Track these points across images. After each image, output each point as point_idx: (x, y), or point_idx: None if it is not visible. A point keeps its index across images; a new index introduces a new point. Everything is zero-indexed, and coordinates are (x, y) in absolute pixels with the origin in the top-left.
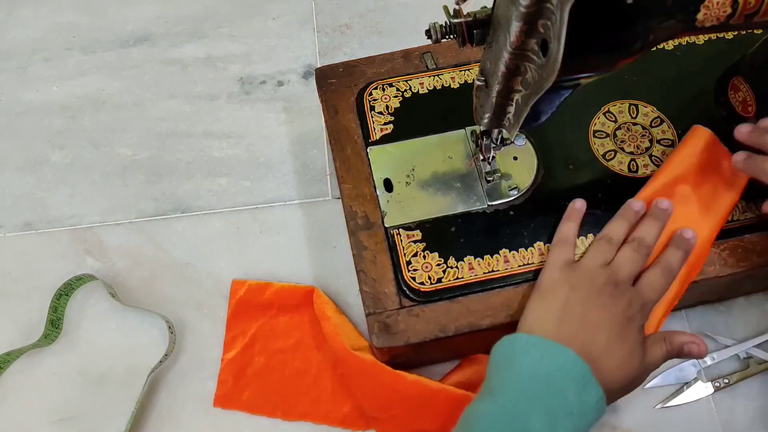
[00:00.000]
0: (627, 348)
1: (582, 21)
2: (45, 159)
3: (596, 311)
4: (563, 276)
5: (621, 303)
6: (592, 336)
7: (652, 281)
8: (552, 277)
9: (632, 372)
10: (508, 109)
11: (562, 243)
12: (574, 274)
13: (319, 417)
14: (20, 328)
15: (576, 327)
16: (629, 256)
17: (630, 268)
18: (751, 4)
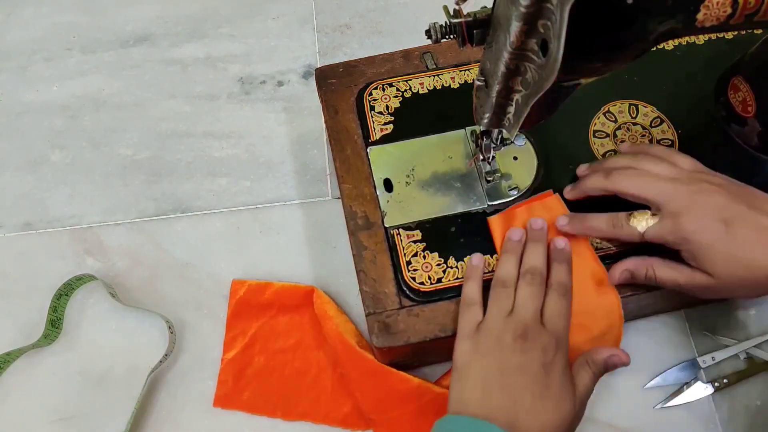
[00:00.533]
0: (554, 397)
1: (582, 21)
2: (45, 159)
3: (513, 375)
4: (473, 345)
5: (535, 354)
6: (516, 401)
7: (554, 310)
8: (463, 349)
9: (567, 415)
10: (508, 109)
11: (466, 306)
12: (482, 340)
13: (319, 417)
14: (20, 328)
15: (498, 397)
16: (528, 294)
17: (532, 306)
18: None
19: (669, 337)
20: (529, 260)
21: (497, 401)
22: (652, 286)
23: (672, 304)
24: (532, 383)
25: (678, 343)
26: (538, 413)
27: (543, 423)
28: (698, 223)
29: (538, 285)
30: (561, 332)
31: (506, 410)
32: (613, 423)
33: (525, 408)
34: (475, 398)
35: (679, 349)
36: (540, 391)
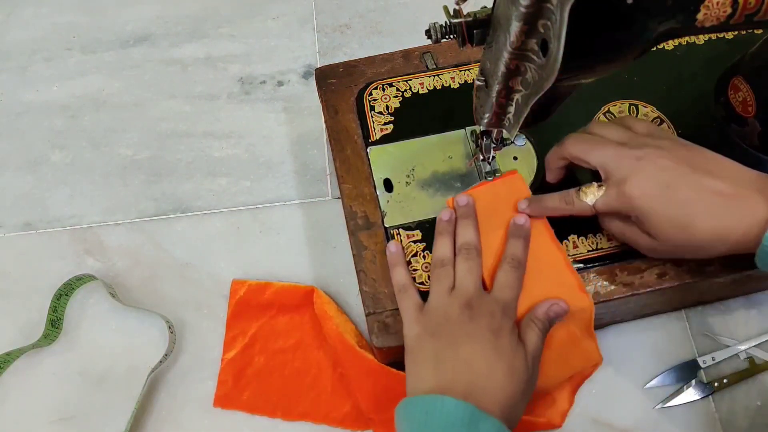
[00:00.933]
0: (506, 359)
1: (582, 21)
2: (45, 159)
3: (464, 345)
4: (421, 327)
5: (482, 321)
6: (471, 371)
7: (504, 281)
8: (412, 333)
9: (522, 377)
10: (508, 109)
11: (402, 291)
12: (429, 320)
13: (319, 417)
14: (20, 328)
15: (452, 370)
16: (466, 268)
17: (472, 279)
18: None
19: (669, 337)
20: (462, 237)
21: (451, 374)
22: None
23: (672, 304)
24: (483, 348)
25: (678, 343)
26: (493, 377)
27: (499, 386)
28: (641, 189)
29: (475, 258)
30: (508, 301)
31: (461, 380)
32: (613, 423)
33: (480, 374)
34: (429, 376)
35: (679, 349)
36: (492, 355)
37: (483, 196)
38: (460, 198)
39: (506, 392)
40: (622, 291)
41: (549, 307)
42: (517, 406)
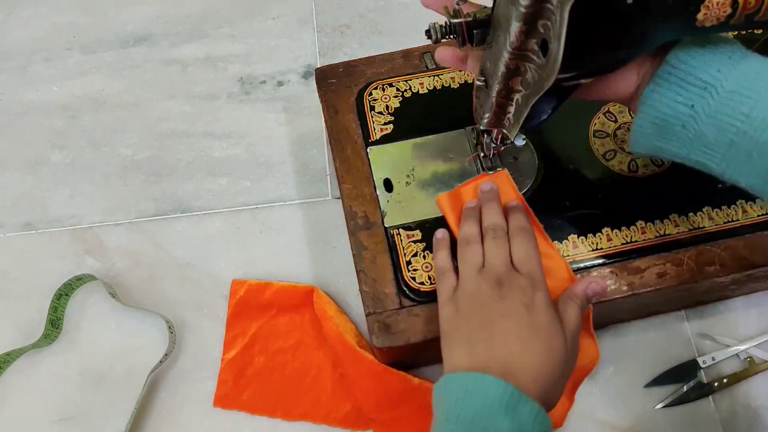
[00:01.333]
0: (543, 335)
1: (582, 21)
2: (45, 159)
3: (498, 323)
4: (454, 308)
5: (515, 298)
6: (505, 350)
7: (521, 253)
8: (446, 314)
9: (560, 350)
10: (508, 109)
11: (440, 274)
12: (461, 300)
13: (319, 417)
14: (20, 328)
15: (487, 350)
16: (494, 245)
17: (501, 256)
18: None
19: (669, 337)
20: (488, 218)
21: (487, 353)
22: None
23: (672, 304)
24: (518, 326)
25: (678, 343)
26: (530, 354)
27: (536, 363)
28: None
29: (502, 237)
30: (535, 272)
31: (497, 360)
32: (613, 423)
33: (515, 353)
34: (464, 356)
35: (679, 349)
36: (527, 332)
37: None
38: (484, 185)
39: (543, 370)
40: (622, 291)
41: (588, 285)
42: (556, 385)
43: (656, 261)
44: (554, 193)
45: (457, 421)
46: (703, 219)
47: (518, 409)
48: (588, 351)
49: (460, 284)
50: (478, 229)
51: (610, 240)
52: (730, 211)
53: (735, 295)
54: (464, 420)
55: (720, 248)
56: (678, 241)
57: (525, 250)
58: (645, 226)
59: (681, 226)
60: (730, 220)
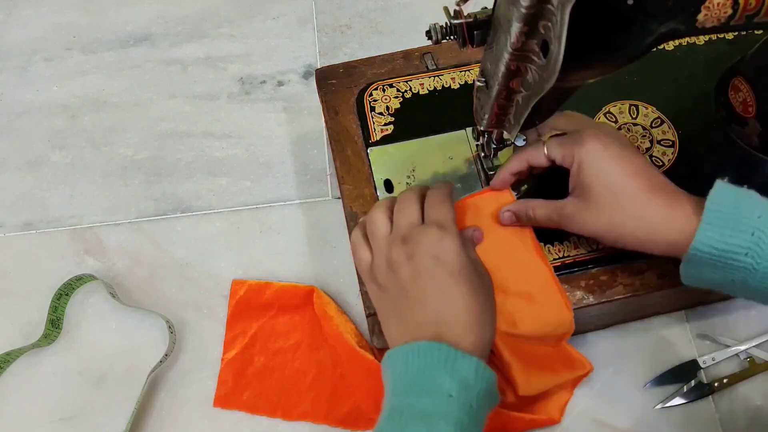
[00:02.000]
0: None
1: (582, 22)
2: (45, 159)
3: (413, 286)
4: (374, 284)
5: (422, 251)
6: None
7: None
8: (371, 293)
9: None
10: (509, 110)
11: (354, 251)
12: (378, 274)
13: (319, 417)
14: (20, 327)
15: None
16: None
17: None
18: (751, 4)
19: (669, 337)
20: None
21: (414, 319)
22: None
23: (672, 305)
24: (432, 281)
25: (678, 343)
26: (454, 304)
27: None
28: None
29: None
30: (441, 218)
31: (426, 322)
32: (613, 423)
33: (440, 309)
34: (397, 330)
35: (679, 349)
36: (444, 283)
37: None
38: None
39: (472, 316)
40: (622, 292)
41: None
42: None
43: (657, 262)
44: (554, 194)
45: (401, 392)
46: None
47: (456, 366)
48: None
49: (373, 257)
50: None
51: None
52: None
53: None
54: (407, 389)
55: None
56: None
57: (432, 202)
58: None
59: None
60: None
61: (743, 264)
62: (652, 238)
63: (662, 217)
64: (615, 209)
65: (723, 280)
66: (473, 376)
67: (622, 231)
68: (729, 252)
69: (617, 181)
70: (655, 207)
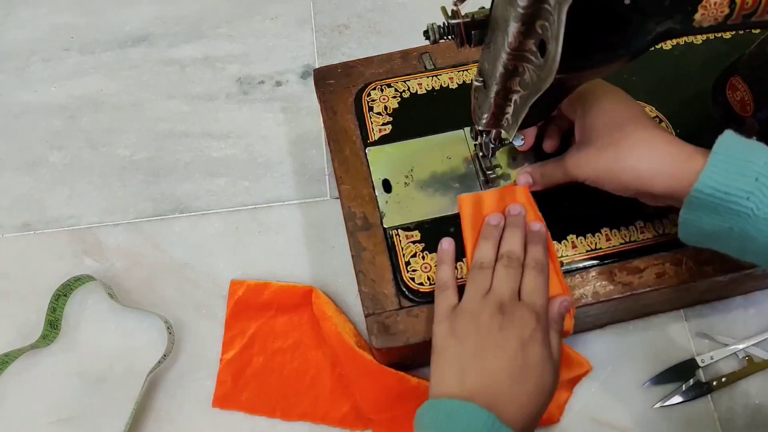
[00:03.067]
0: (533, 374)
1: (580, 22)
2: (43, 160)
3: (491, 357)
4: (450, 328)
5: (513, 331)
6: (495, 383)
7: (531, 286)
8: (440, 332)
9: (549, 390)
10: (507, 110)
11: (441, 290)
12: (459, 322)
13: (318, 417)
14: (18, 328)
15: (477, 379)
16: (505, 274)
17: (509, 285)
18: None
19: (668, 336)
20: (507, 244)
21: (475, 383)
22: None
23: (671, 304)
24: (510, 363)
25: (677, 342)
26: (518, 394)
27: (523, 403)
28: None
29: (516, 267)
30: (539, 307)
31: (485, 392)
32: (612, 422)
33: (503, 389)
34: (453, 381)
35: (678, 348)
36: (518, 371)
37: (488, 199)
38: (513, 207)
39: (528, 410)
40: (621, 291)
41: (560, 303)
42: (537, 417)
43: (655, 261)
44: (553, 193)
45: None
46: None
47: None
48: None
49: (462, 304)
50: (494, 253)
51: (609, 240)
52: None
53: (734, 295)
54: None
55: None
56: (677, 241)
57: (535, 284)
58: (644, 225)
59: None
60: None
61: (744, 209)
62: (654, 172)
63: (666, 152)
64: (618, 144)
65: (721, 228)
66: None
67: (623, 166)
68: (731, 195)
69: (621, 117)
70: (659, 142)
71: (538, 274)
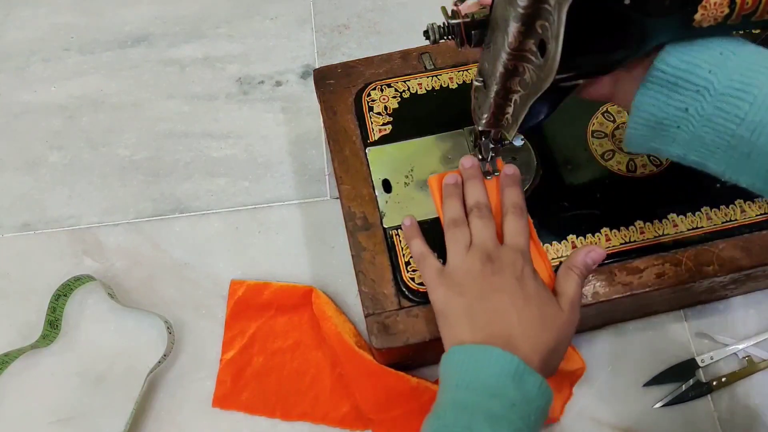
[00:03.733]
0: (536, 304)
1: (580, 22)
2: (43, 159)
3: (493, 297)
4: (446, 287)
5: (506, 271)
6: (505, 321)
7: (512, 228)
8: (438, 295)
9: (556, 322)
10: (507, 110)
11: (422, 260)
12: (452, 280)
13: (318, 417)
14: (18, 328)
15: (487, 322)
16: (480, 224)
17: (488, 234)
18: (748, 4)
19: (668, 336)
20: (471, 196)
21: (487, 326)
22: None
23: (671, 304)
24: (513, 297)
25: (677, 342)
26: (527, 325)
27: (534, 333)
28: None
29: (487, 215)
30: (523, 247)
31: (498, 332)
32: (612, 422)
33: (513, 323)
34: (465, 331)
35: (678, 348)
36: (522, 303)
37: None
38: (465, 160)
39: (541, 339)
40: (620, 291)
41: (587, 253)
42: (554, 354)
43: (655, 261)
44: (553, 194)
45: (468, 387)
46: (702, 219)
47: (524, 380)
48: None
49: (449, 264)
50: (461, 207)
51: (608, 240)
52: (729, 210)
53: (733, 295)
54: (475, 387)
55: (718, 248)
56: (676, 241)
57: (516, 227)
58: (643, 226)
59: (679, 226)
60: (729, 219)
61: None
62: None
63: None
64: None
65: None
66: (536, 392)
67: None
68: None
69: None
70: None
71: (516, 217)
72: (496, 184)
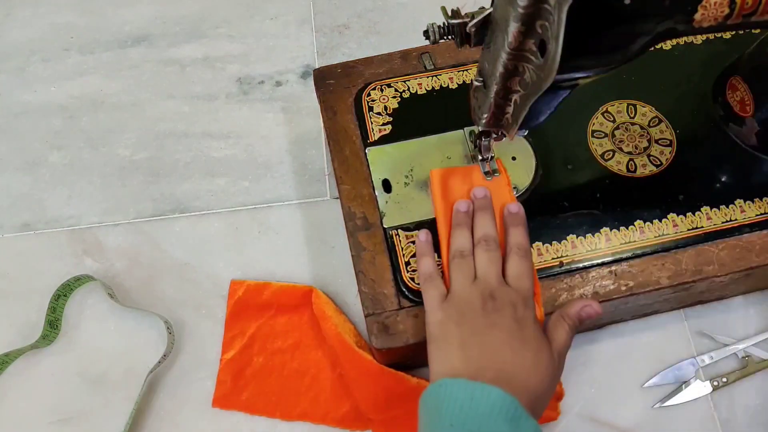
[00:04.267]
0: (532, 348)
1: (580, 22)
2: (43, 159)
3: (489, 334)
4: (445, 314)
5: (506, 312)
6: (498, 358)
7: (516, 271)
8: (435, 320)
9: (548, 370)
10: (507, 110)
11: (428, 281)
12: (452, 308)
13: (318, 417)
14: (18, 328)
15: (479, 356)
16: (486, 259)
17: (493, 270)
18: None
19: (668, 336)
20: (480, 228)
21: (479, 361)
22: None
23: (671, 304)
24: (509, 337)
25: (677, 342)
26: (520, 366)
27: (526, 374)
28: None
29: (495, 250)
30: (526, 291)
31: (490, 368)
32: (612, 422)
33: (507, 362)
34: (456, 361)
35: (678, 348)
36: (518, 344)
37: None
38: (478, 191)
39: (533, 381)
40: (620, 291)
41: (582, 307)
42: (541, 400)
43: (655, 261)
44: (552, 194)
45: (463, 426)
46: (702, 219)
47: (521, 424)
48: None
49: (452, 293)
50: (470, 239)
51: (608, 240)
52: (728, 210)
53: (733, 295)
54: (470, 426)
55: (718, 248)
56: (676, 241)
57: (520, 269)
58: (643, 226)
59: (679, 226)
60: (728, 219)
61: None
62: None
63: None
64: None
65: None
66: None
67: None
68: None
69: None
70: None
71: (521, 258)
72: (497, 184)
